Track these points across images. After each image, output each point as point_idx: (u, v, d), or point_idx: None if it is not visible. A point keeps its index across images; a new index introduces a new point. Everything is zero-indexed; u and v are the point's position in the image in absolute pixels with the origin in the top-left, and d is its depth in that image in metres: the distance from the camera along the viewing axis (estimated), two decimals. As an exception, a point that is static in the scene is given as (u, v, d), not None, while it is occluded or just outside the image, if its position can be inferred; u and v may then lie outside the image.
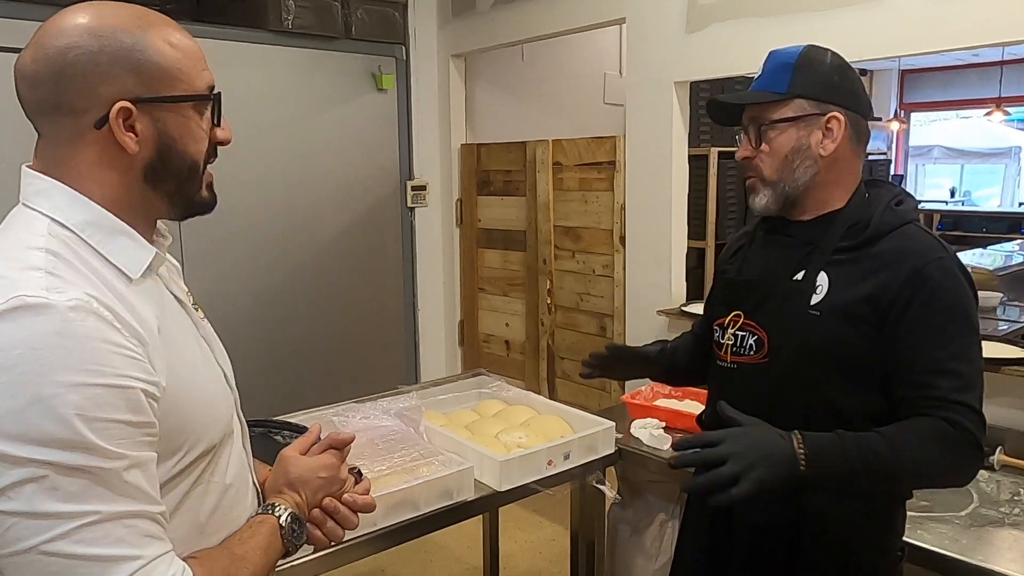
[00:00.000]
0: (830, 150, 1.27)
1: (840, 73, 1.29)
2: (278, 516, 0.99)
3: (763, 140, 1.30)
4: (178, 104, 0.88)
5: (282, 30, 3.27)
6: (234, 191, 3.24)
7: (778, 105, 1.29)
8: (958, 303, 1.20)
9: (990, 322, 3.22)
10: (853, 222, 1.28)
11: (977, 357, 1.21)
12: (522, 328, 3.82)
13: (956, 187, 9.29)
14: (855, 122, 1.29)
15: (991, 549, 1.55)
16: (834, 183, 1.30)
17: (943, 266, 1.20)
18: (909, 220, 1.27)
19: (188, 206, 0.95)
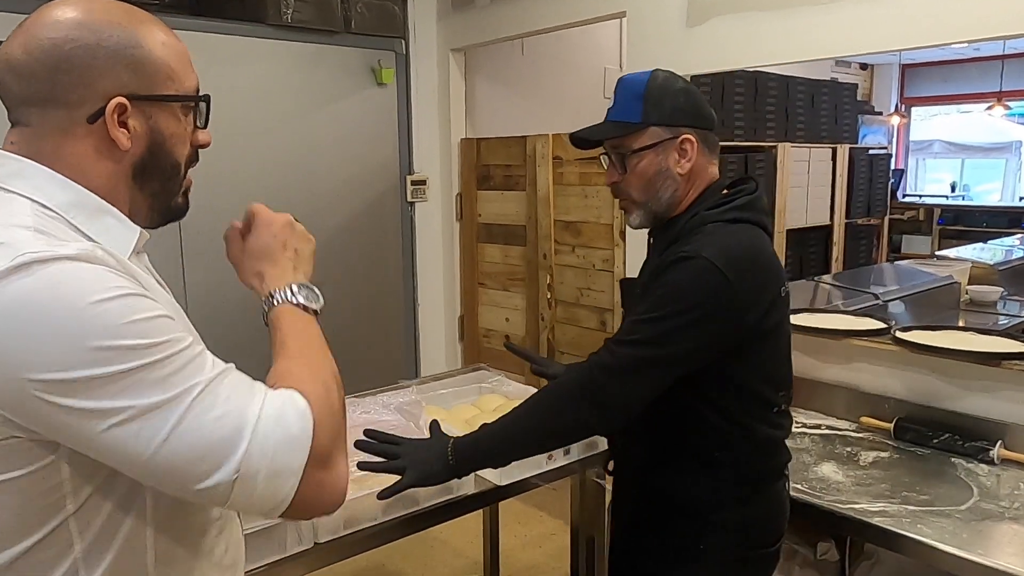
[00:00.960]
0: (687, 168, 1.42)
1: (685, 96, 1.42)
2: (290, 300, 1.00)
3: (626, 167, 1.44)
4: (169, 103, 0.89)
5: (281, 24, 3.26)
6: (233, 186, 3.24)
7: (635, 135, 1.42)
8: (668, 287, 1.32)
9: (990, 316, 3.22)
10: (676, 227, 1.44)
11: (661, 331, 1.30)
12: (522, 323, 3.82)
13: (956, 182, 9.28)
14: (704, 137, 1.43)
15: (991, 543, 1.55)
16: (691, 193, 1.45)
17: (682, 259, 1.32)
18: (707, 223, 1.39)
19: (167, 210, 0.96)
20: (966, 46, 7.04)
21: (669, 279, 1.33)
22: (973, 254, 4.21)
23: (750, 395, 1.41)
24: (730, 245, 1.34)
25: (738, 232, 1.38)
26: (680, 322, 1.30)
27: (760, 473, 1.46)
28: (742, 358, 1.37)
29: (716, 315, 1.31)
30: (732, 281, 1.30)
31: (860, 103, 6.13)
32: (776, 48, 2.51)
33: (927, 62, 8.67)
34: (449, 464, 1.40)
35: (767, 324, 1.37)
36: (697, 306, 1.30)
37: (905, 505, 1.71)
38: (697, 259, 1.31)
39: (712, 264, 1.29)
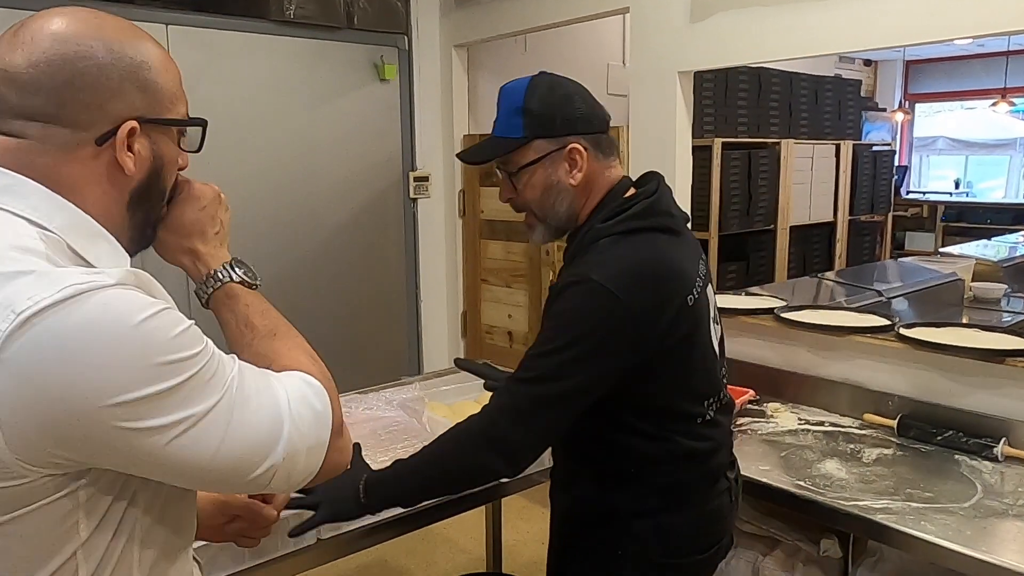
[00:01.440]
0: (579, 178, 1.34)
1: (567, 102, 1.33)
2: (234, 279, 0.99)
3: (516, 184, 1.37)
4: (170, 128, 0.87)
5: (284, 20, 3.26)
6: (236, 183, 3.24)
7: (520, 151, 1.34)
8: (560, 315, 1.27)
9: (994, 313, 3.21)
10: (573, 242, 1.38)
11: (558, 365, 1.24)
12: (525, 319, 3.82)
13: (960, 178, 9.26)
14: (596, 142, 1.35)
15: (995, 540, 1.55)
16: (591, 201, 1.37)
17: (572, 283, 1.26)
18: (600, 238, 1.31)
19: (143, 238, 0.93)
20: (970, 42, 7.03)
21: (560, 307, 1.28)
22: (977, 251, 4.21)
23: (667, 413, 1.36)
24: (620, 261, 1.27)
25: (632, 244, 1.30)
26: (576, 353, 1.24)
27: (686, 483, 1.40)
28: (651, 377, 1.31)
29: (613, 339, 1.24)
30: (624, 301, 1.23)
31: (864, 99, 6.11)
32: (779, 44, 2.50)
33: (931, 58, 8.65)
34: (360, 502, 1.38)
35: (673, 338, 1.29)
36: (591, 333, 1.24)
37: (908, 502, 1.71)
38: (585, 282, 1.24)
39: (601, 286, 1.23)
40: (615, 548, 1.40)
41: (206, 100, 3.10)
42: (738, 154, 4.15)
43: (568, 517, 1.50)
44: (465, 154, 1.47)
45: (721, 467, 1.45)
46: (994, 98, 7.66)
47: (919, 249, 7.24)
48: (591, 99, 1.37)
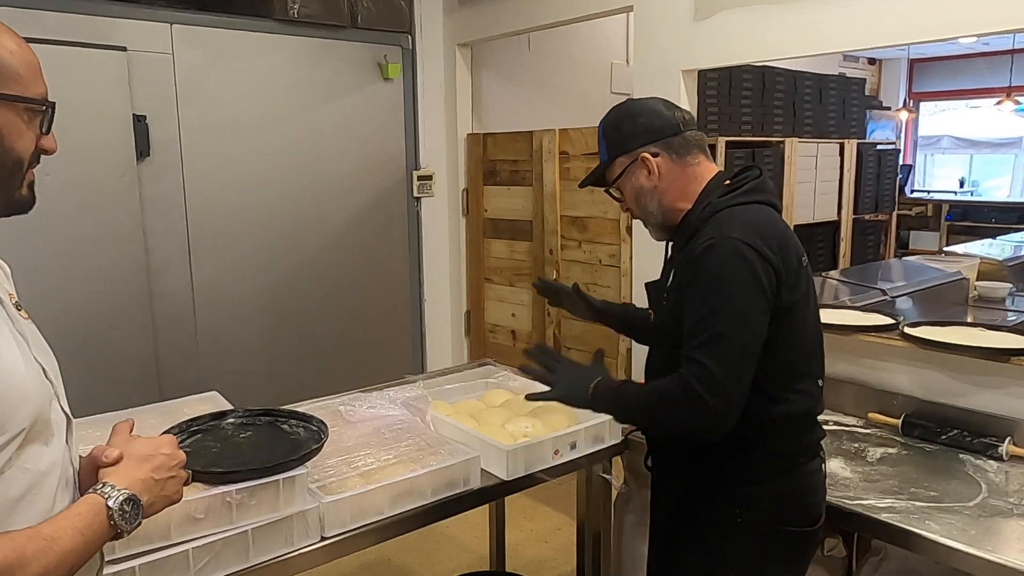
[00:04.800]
0: (657, 181, 1.54)
1: (631, 120, 1.56)
2: (105, 496, 0.96)
3: (620, 197, 1.63)
4: (12, 103, 0.95)
5: (288, 19, 3.26)
6: (240, 182, 3.25)
7: (609, 170, 1.61)
8: (713, 274, 1.38)
9: (998, 313, 3.20)
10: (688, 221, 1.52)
11: (729, 320, 1.36)
12: (528, 318, 3.82)
13: (965, 177, 9.23)
14: (666, 146, 1.53)
15: (999, 540, 1.55)
16: (680, 196, 1.54)
17: (710, 246, 1.40)
18: (720, 209, 1.46)
19: (8, 202, 0.99)
20: (975, 41, 7.01)
21: (706, 269, 1.39)
22: (982, 250, 4.19)
23: (785, 368, 1.45)
24: (748, 223, 1.42)
25: (751, 211, 1.46)
26: (737, 304, 1.36)
27: (792, 451, 1.50)
28: (777, 333, 1.41)
29: (760, 285, 1.37)
30: (761, 253, 1.37)
31: (868, 98, 6.10)
32: (784, 42, 2.49)
33: (936, 57, 8.62)
34: (588, 397, 1.53)
35: (797, 294, 1.43)
36: (743, 284, 1.36)
37: (913, 501, 1.70)
38: (724, 241, 1.38)
39: (740, 241, 1.37)
40: (731, 516, 1.48)
41: (210, 99, 3.10)
42: (742, 153, 4.14)
43: (678, 486, 1.58)
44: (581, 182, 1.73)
45: (818, 438, 1.55)
46: (999, 96, 7.63)
47: (924, 248, 7.21)
48: (659, 109, 1.56)
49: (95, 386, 2.80)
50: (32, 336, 1.03)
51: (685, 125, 1.54)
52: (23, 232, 2.64)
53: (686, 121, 1.55)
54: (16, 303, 1.05)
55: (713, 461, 1.49)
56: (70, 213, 2.80)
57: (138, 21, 2.92)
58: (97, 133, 2.84)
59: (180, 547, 1.35)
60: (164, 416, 1.85)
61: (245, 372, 3.27)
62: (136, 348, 3.02)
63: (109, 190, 2.89)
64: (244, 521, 1.42)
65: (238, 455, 1.53)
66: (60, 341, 1.09)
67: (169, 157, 3.04)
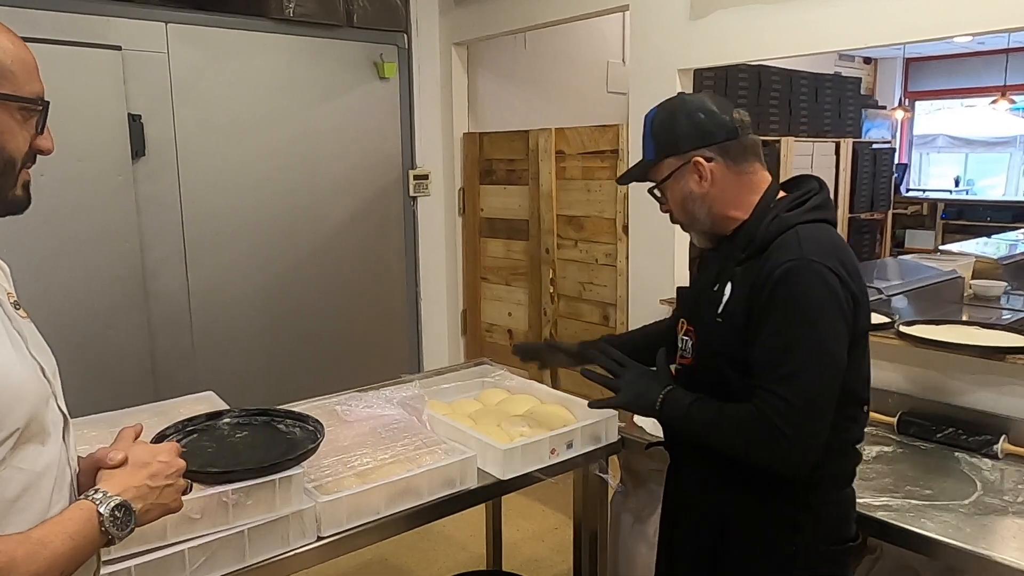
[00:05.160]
0: (708, 187, 1.42)
1: (689, 119, 1.43)
2: (96, 502, 0.96)
3: (663, 198, 1.51)
4: (5, 102, 0.94)
5: (284, 18, 3.26)
6: (236, 181, 3.24)
7: (655, 170, 1.48)
8: (795, 300, 1.29)
9: (994, 311, 3.21)
10: (750, 233, 1.41)
11: (812, 352, 1.28)
12: (525, 317, 3.82)
13: (960, 176, 9.25)
14: (722, 150, 1.42)
15: (994, 537, 1.55)
16: (733, 204, 1.44)
17: (789, 268, 1.30)
18: (792, 225, 1.36)
19: (2, 203, 0.98)
20: (970, 40, 7.02)
21: (786, 293, 1.30)
22: (977, 249, 4.20)
23: (851, 398, 1.39)
24: (828, 244, 1.34)
25: (825, 231, 1.38)
26: (822, 331, 1.29)
27: (842, 475, 1.45)
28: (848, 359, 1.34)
29: (843, 315, 1.30)
30: (842, 279, 1.30)
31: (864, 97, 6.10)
32: (779, 41, 2.50)
33: (931, 56, 8.63)
34: (656, 409, 1.48)
35: (865, 321, 1.38)
36: (827, 313, 1.29)
37: (908, 499, 1.71)
38: (806, 264, 1.29)
39: (822, 264, 1.29)
40: (786, 547, 1.40)
41: (205, 98, 3.10)
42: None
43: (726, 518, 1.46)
44: (619, 178, 1.60)
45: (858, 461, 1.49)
46: (994, 96, 7.65)
47: (919, 247, 7.23)
48: (715, 111, 1.43)
49: (91, 386, 2.79)
50: (30, 334, 1.03)
51: (743, 129, 1.43)
52: (18, 232, 2.63)
53: (744, 124, 1.44)
54: (15, 302, 1.04)
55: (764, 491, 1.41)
56: (65, 213, 2.79)
57: (133, 20, 2.91)
58: (92, 133, 2.83)
59: (176, 547, 1.35)
60: (160, 416, 1.85)
61: (241, 372, 3.26)
62: (132, 348, 3.02)
63: (104, 190, 2.89)
64: (240, 521, 1.42)
65: (234, 455, 1.53)
66: (55, 341, 1.08)
67: (165, 157, 3.03)
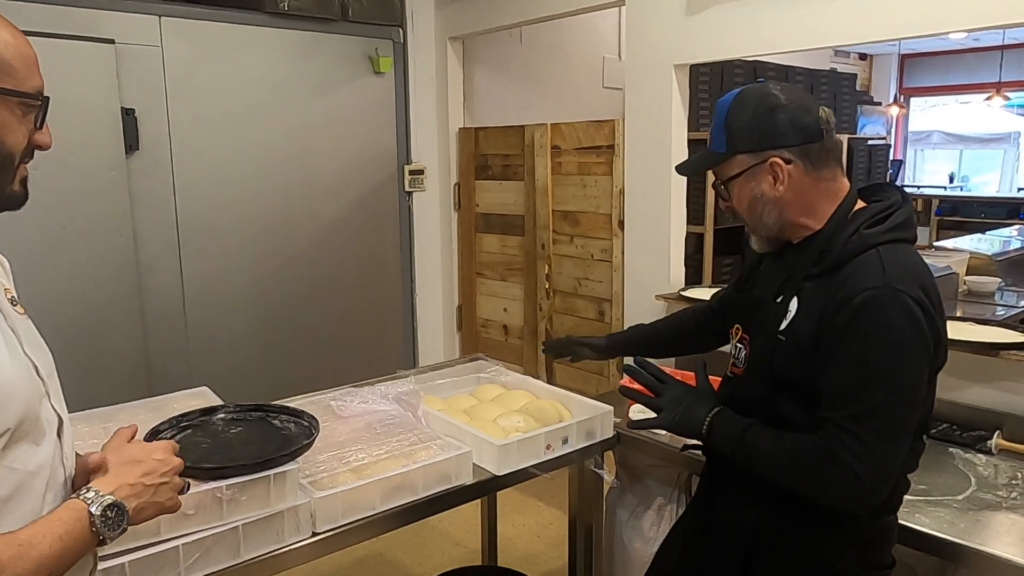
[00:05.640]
0: (782, 192, 1.32)
1: (770, 116, 1.31)
2: (88, 502, 0.95)
3: (728, 195, 1.40)
4: (4, 97, 0.93)
5: (278, 12, 3.24)
6: (230, 176, 3.23)
7: (725, 165, 1.37)
8: (878, 333, 1.21)
9: (988, 307, 3.22)
10: (825, 247, 1.31)
11: (891, 391, 1.21)
12: (520, 313, 3.82)
13: (955, 172, 9.28)
14: (803, 153, 1.31)
15: (988, 533, 1.56)
16: (806, 212, 1.34)
17: (873, 296, 1.21)
18: (874, 244, 1.27)
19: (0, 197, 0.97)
20: (965, 36, 7.03)
21: (869, 324, 1.21)
22: (971, 245, 4.21)
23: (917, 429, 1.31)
24: (914, 272, 1.26)
25: (909, 254, 1.29)
26: (904, 372, 1.21)
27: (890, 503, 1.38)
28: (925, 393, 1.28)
29: (925, 350, 1.23)
30: (927, 312, 1.23)
31: (859, 93, 6.11)
32: (775, 37, 2.49)
33: (926, 52, 8.65)
34: (702, 432, 1.40)
35: (945, 357, 1.31)
36: (910, 347, 1.21)
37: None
38: (891, 294, 1.21)
39: (910, 297, 1.21)
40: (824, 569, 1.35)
41: (199, 92, 3.08)
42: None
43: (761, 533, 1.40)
44: (680, 166, 1.51)
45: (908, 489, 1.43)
46: (989, 92, 7.67)
47: (914, 243, 7.24)
48: (801, 108, 1.31)
49: (84, 382, 2.78)
50: (25, 332, 1.01)
51: (828, 131, 1.31)
52: (10, 226, 2.61)
53: (829, 126, 1.32)
54: (12, 298, 1.03)
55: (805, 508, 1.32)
56: (58, 208, 2.77)
57: (126, 13, 2.89)
58: (85, 127, 2.82)
59: (170, 543, 1.35)
60: (154, 412, 1.84)
61: (235, 367, 3.25)
62: (125, 343, 3.01)
63: (98, 184, 2.87)
64: (235, 517, 1.42)
65: (228, 451, 1.52)
66: (48, 336, 1.07)
67: (158, 151, 3.02)
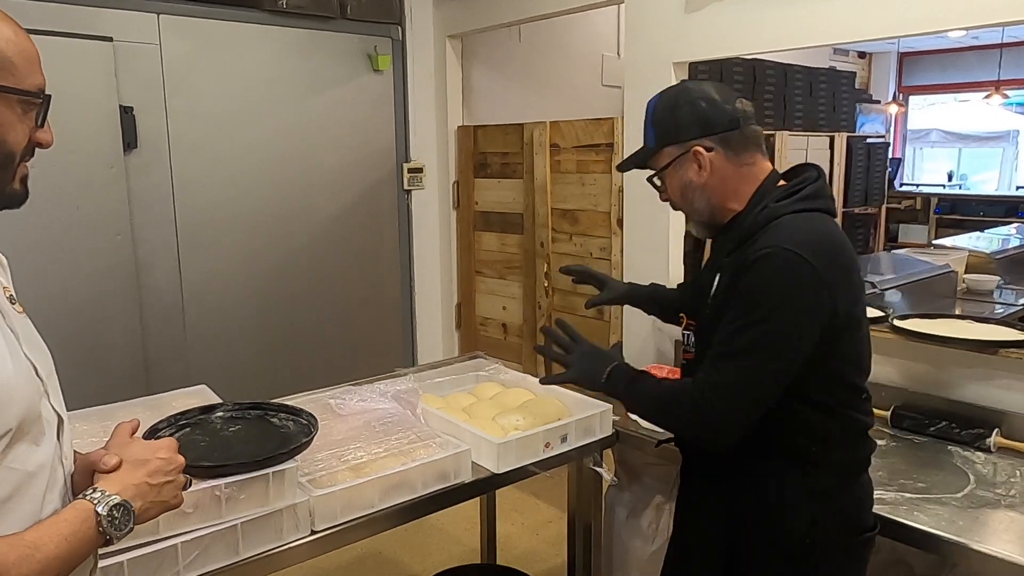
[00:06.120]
0: (706, 177, 1.43)
1: (691, 107, 1.43)
2: (94, 502, 0.94)
3: (663, 187, 1.52)
4: (5, 95, 0.91)
5: (277, 10, 3.24)
6: (229, 174, 3.22)
7: (655, 158, 1.49)
8: (760, 287, 1.31)
9: (986, 305, 3.22)
10: (740, 224, 1.42)
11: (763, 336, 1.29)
12: (519, 311, 3.82)
13: (954, 171, 9.28)
14: (723, 141, 1.42)
15: (987, 530, 1.56)
16: (731, 195, 1.44)
17: (762, 255, 1.31)
18: (780, 215, 1.37)
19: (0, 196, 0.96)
20: (964, 34, 7.03)
21: (756, 279, 1.31)
22: (970, 243, 4.21)
23: (844, 385, 1.40)
24: (808, 233, 1.33)
25: (813, 220, 1.37)
26: (777, 323, 1.28)
27: (853, 464, 1.44)
28: (835, 348, 1.34)
29: (811, 307, 1.29)
30: (818, 268, 1.28)
31: (858, 91, 6.12)
32: (775, 35, 2.49)
33: (925, 50, 8.65)
34: (600, 381, 1.52)
35: (857, 308, 1.38)
36: (790, 301, 1.28)
37: (902, 492, 1.72)
38: (780, 252, 1.29)
39: (797, 255, 1.28)
40: (803, 539, 1.39)
41: (198, 90, 3.08)
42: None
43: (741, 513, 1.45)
44: (620, 165, 1.61)
45: (872, 449, 1.49)
46: (988, 90, 7.66)
47: (912, 241, 7.25)
48: (719, 99, 1.43)
49: (82, 380, 2.77)
50: (24, 331, 1.01)
51: (745, 120, 1.43)
52: (8, 224, 2.60)
53: (747, 115, 1.43)
54: (10, 296, 1.02)
55: (778, 482, 1.41)
56: (57, 206, 2.77)
57: (124, 11, 2.88)
58: (83, 125, 2.81)
59: (169, 541, 1.35)
60: (152, 410, 1.84)
61: (234, 365, 3.25)
62: (124, 341, 3.00)
63: (96, 182, 2.87)
64: (233, 515, 1.42)
65: (227, 449, 1.52)
66: (46, 334, 1.07)
67: (157, 149, 3.01)
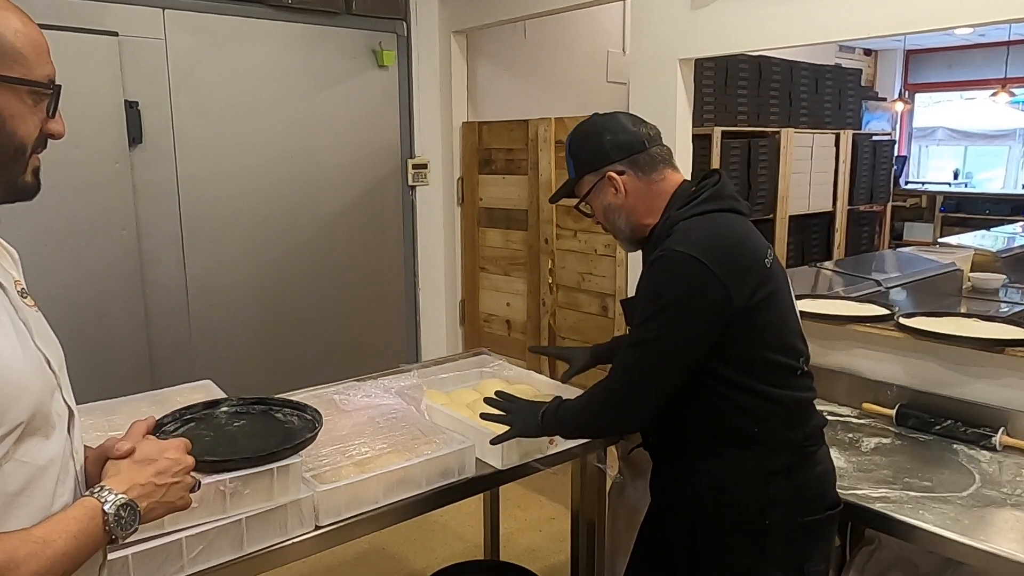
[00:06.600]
0: (622, 198, 1.57)
1: (597, 138, 1.58)
2: (102, 501, 0.94)
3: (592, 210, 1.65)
4: (14, 86, 0.90)
5: (282, 5, 3.24)
6: (234, 169, 3.22)
7: (578, 186, 1.64)
8: (652, 286, 1.45)
9: (992, 303, 3.21)
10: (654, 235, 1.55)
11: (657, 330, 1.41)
12: (523, 308, 3.82)
13: (959, 169, 9.25)
14: (632, 163, 1.56)
15: (992, 530, 1.55)
16: (647, 212, 1.57)
17: (656, 259, 1.44)
18: (678, 221, 1.48)
19: (11, 188, 0.96)
20: (971, 32, 7.00)
21: (648, 279, 1.46)
22: (975, 241, 4.21)
23: (765, 365, 1.46)
24: (699, 233, 1.44)
25: (707, 221, 1.48)
26: (669, 314, 1.40)
27: (799, 441, 1.49)
28: (744, 333, 1.43)
29: (701, 299, 1.39)
30: (707, 262, 1.38)
31: (864, 89, 6.10)
32: (780, 32, 2.48)
33: (931, 48, 8.62)
34: (539, 427, 1.66)
35: (759, 296, 1.43)
36: (679, 295, 1.40)
37: (906, 491, 1.71)
38: (670, 254, 1.41)
39: (683, 254, 1.40)
40: (758, 518, 1.45)
41: (203, 85, 3.08)
42: (738, 143, 4.13)
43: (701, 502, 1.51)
44: (551, 198, 1.78)
45: (820, 424, 1.55)
46: (994, 88, 7.64)
47: (918, 239, 7.25)
48: (625, 126, 1.58)
49: (87, 375, 2.78)
50: (36, 325, 1.00)
51: (651, 141, 1.57)
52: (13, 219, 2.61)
53: (651, 137, 1.58)
54: (21, 290, 1.02)
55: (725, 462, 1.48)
56: (62, 200, 2.77)
57: (129, 6, 2.88)
58: (89, 119, 2.81)
59: (174, 536, 1.34)
60: (157, 405, 1.84)
61: (239, 360, 3.25)
62: (129, 336, 3.01)
63: (101, 177, 2.87)
64: (238, 510, 1.42)
65: (232, 444, 1.52)
66: (52, 329, 1.07)
67: (162, 144, 3.01)
